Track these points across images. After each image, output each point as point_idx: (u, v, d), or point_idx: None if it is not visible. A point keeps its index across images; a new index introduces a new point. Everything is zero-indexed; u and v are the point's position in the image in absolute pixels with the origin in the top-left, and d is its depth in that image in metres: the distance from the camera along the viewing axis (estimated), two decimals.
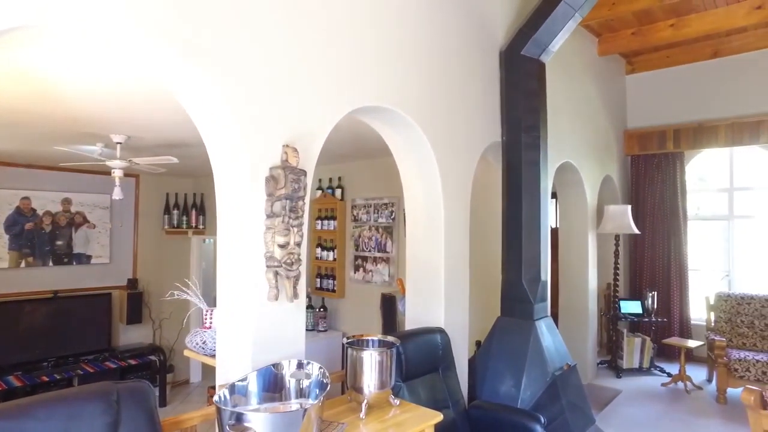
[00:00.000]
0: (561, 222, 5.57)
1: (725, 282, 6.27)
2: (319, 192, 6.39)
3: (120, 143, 4.18)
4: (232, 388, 1.95)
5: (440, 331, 3.09)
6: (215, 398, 1.84)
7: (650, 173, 6.42)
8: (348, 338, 2.47)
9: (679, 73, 6.35)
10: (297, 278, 2.32)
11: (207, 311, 2.69)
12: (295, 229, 2.29)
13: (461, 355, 3.41)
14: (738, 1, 4.95)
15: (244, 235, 2.22)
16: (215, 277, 2.37)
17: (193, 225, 7.37)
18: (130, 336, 6.75)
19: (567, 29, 3.65)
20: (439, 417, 2.32)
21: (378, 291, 5.65)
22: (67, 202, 6.33)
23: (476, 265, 4.06)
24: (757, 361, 4.58)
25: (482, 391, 3.52)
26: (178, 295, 2.77)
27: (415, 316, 3.36)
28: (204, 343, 2.59)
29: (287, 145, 2.31)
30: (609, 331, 5.82)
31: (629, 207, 5.58)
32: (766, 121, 5.61)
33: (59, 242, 6.25)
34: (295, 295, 2.31)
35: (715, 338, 4.91)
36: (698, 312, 6.03)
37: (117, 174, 4.18)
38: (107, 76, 2.70)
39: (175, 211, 7.30)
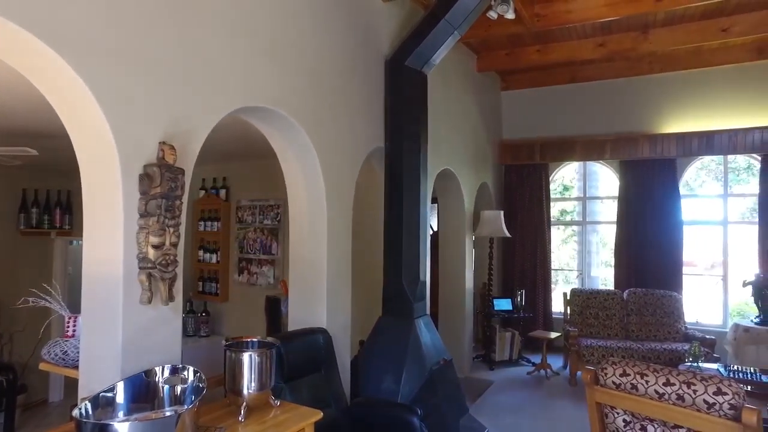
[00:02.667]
0: (441, 226, 5.92)
1: (579, 279, 7.09)
2: (203, 192, 6.14)
3: None
4: (96, 401, 1.82)
5: (322, 331, 3.14)
6: (75, 412, 1.70)
7: (521, 182, 7.05)
8: (227, 341, 2.43)
9: (544, 93, 7.06)
10: (173, 280, 2.24)
11: (70, 318, 2.48)
12: (172, 229, 2.21)
13: (344, 355, 3.49)
14: (586, 37, 5.67)
15: (115, 236, 2.09)
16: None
17: (57, 225, 6.65)
18: None
19: (447, 45, 3.92)
20: (318, 415, 2.36)
21: (263, 293, 5.56)
22: None
23: (359, 266, 4.18)
24: (599, 346, 5.26)
25: (365, 389, 3.63)
26: (34, 302, 2.51)
27: (297, 317, 3.38)
28: (65, 353, 2.39)
29: (164, 142, 2.22)
30: (484, 327, 6.29)
31: (502, 212, 6.08)
32: (608, 141, 6.49)
33: None
34: (171, 298, 2.22)
35: (570, 329, 5.54)
36: (559, 306, 6.73)
37: None
38: None
39: (35, 210, 6.54)
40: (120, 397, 1.91)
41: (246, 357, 2.25)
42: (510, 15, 3.99)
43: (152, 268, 2.13)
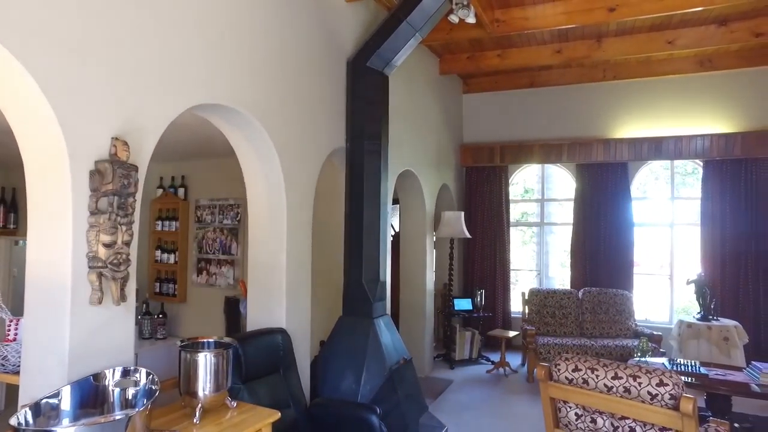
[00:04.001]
0: (402, 226, 5.96)
1: (538, 279, 7.28)
2: (161, 191, 5.98)
3: None
4: (38, 407, 1.72)
5: (281, 331, 3.12)
6: (12, 420, 1.59)
7: (481, 183, 7.19)
8: (182, 341, 2.39)
9: (505, 97, 7.23)
10: (125, 280, 2.18)
11: (11, 321, 2.37)
12: (124, 228, 2.16)
13: (303, 355, 3.48)
14: (544, 43, 5.84)
15: (63, 234, 2.02)
16: None
17: (1, 224, 6.36)
18: None
19: (409, 46, 3.96)
20: (276, 415, 2.35)
21: (222, 294, 5.47)
22: None
23: (320, 266, 4.17)
24: (555, 344, 5.42)
25: (325, 389, 3.62)
26: None
27: (256, 317, 3.35)
28: (4, 359, 2.28)
29: (117, 138, 2.17)
30: (444, 326, 6.37)
31: (462, 213, 6.18)
32: (565, 144, 6.70)
33: None
34: (123, 298, 2.17)
35: (528, 328, 5.68)
36: (517, 306, 6.89)
37: None
38: None
39: None
40: (66, 404, 1.82)
41: (201, 358, 2.22)
42: (471, 19, 4.06)
43: (103, 268, 2.07)
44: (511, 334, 6.04)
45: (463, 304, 6.41)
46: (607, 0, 4.58)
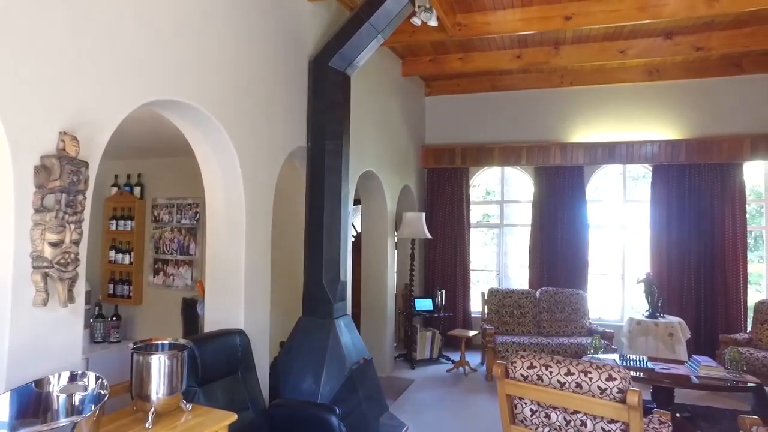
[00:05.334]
0: (364, 227, 5.97)
1: (497, 279, 7.42)
2: (115, 189, 5.79)
3: None
4: None
5: (240, 332, 3.07)
6: None
7: (442, 185, 7.27)
8: (135, 343, 2.31)
9: (466, 100, 7.34)
10: (73, 280, 2.10)
11: None
12: (73, 226, 2.08)
13: (262, 356, 3.44)
14: (505, 48, 5.98)
15: (3, 232, 1.93)
16: None
17: None
18: None
19: (371, 47, 3.97)
20: (232, 417, 2.31)
21: (180, 295, 5.33)
22: None
23: (280, 267, 4.13)
24: (513, 342, 5.54)
25: (285, 390, 3.58)
26: None
27: (214, 319, 3.28)
28: None
29: (65, 133, 2.09)
30: (405, 327, 6.41)
31: (424, 214, 6.24)
32: (524, 147, 6.87)
33: None
34: (70, 299, 2.09)
35: (487, 327, 5.78)
36: (477, 306, 7.00)
37: None
38: None
39: None
40: (3, 413, 1.71)
41: (155, 360, 2.15)
42: (433, 22, 4.10)
43: (49, 268, 1.99)
44: (471, 333, 6.14)
45: (424, 304, 6.47)
46: (563, 9, 4.72)
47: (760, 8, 4.47)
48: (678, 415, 3.98)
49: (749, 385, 3.76)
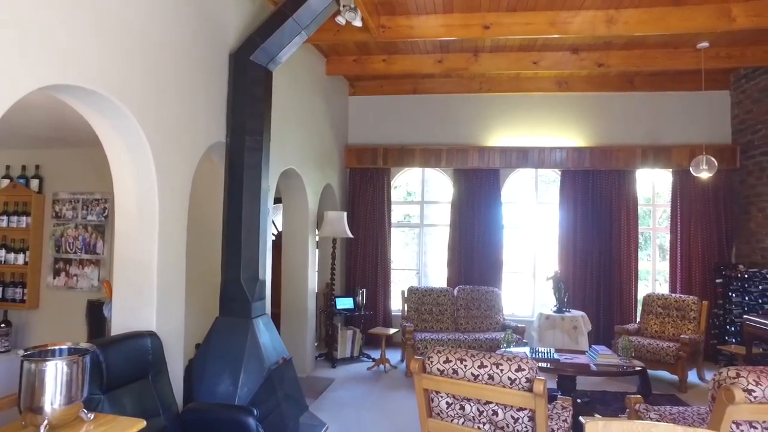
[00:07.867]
0: (285, 225, 5.88)
1: (417, 278, 7.60)
2: (7, 181, 5.28)
3: None
4: None
5: (151, 334, 2.91)
6: None
7: (364, 185, 7.33)
8: (26, 350, 2.12)
9: (389, 101, 7.46)
10: None
11: None
12: None
13: (176, 359, 3.29)
14: (427, 53, 6.15)
15: None
16: None
17: None
18: None
19: (294, 44, 3.92)
20: (140, 424, 2.19)
21: (85, 298, 4.96)
22: None
23: (196, 265, 3.97)
24: (432, 339, 5.72)
25: (200, 394, 3.45)
26: None
27: (123, 321, 3.09)
28: None
29: None
30: (326, 326, 6.39)
31: (345, 213, 6.26)
32: (444, 150, 7.11)
33: None
34: None
35: (406, 325, 5.91)
36: (397, 304, 7.13)
37: None
38: None
39: None
40: None
41: (49, 367, 1.97)
42: (357, 23, 4.14)
43: None
44: (392, 331, 6.25)
45: (345, 303, 6.49)
46: (482, 18, 4.95)
47: (648, 34, 5.01)
48: (579, 400, 4.31)
49: (636, 369, 4.19)
